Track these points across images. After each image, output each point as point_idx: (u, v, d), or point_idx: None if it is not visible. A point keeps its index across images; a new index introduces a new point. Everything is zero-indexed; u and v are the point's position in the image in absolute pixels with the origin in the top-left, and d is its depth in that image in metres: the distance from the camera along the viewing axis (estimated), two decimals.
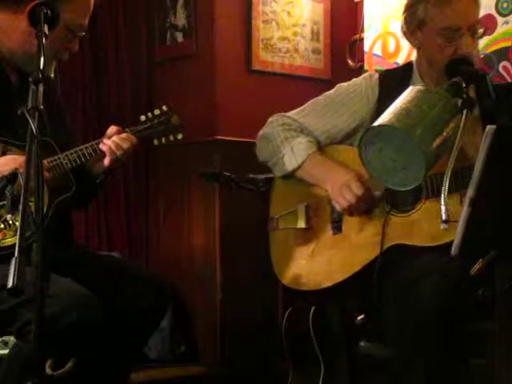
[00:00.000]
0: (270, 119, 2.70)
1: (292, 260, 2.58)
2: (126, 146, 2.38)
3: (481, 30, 2.42)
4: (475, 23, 2.39)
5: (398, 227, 2.38)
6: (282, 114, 2.68)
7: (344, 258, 2.47)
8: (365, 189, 2.42)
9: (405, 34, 2.51)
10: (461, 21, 2.36)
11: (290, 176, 2.62)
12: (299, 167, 2.58)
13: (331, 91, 2.66)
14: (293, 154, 2.58)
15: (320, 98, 2.66)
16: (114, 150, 2.36)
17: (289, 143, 2.59)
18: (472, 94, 2.16)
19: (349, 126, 2.58)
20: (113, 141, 2.37)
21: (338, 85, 2.66)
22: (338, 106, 2.60)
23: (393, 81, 2.51)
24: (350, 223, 2.50)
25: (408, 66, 2.57)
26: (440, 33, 2.37)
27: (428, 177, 2.27)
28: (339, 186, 2.46)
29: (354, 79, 2.65)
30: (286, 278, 2.58)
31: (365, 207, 2.45)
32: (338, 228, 2.52)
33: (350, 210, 2.46)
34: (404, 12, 2.49)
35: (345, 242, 2.50)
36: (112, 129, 2.42)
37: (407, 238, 2.35)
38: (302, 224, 2.58)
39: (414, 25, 2.44)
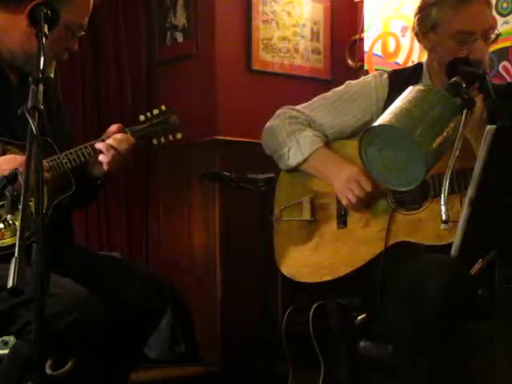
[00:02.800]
0: (278, 111, 2.68)
1: (294, 251, 2.58)
2: (123, 147, 2.37)
3: (493, 36, 2.38)
4: (489, 28, 2.37)
5: (403, 224, 2.38)
6: (291, 106, 2.66)
7: (348, 253, 2.46)
8: (373, 183, 2.41)
9: (416, 35, 2.48)
10: (475, 25, 2.34)
11: (295, 169, 2.61)
12: (304, 161, 2.57)
13: (340, 87, 2.64)
14: (298, 147, 2.56)
15: (329, 93, 2.65)
16: (112, 154, 2.34)
17: (295, 136, 2.58)
18: (478, 96, 2.15)
19: (357, 122, 2.56)
20: (109, 145, 2.35)
21: (347, 82, 2.65)
22: (347, 103, 2.59)
23: (402, 81, 2.47)
24: (355, 218, 2.49)
25: (418, 66, 2.56)
26: (453, 36, 2.35)
27: (436, 175, 2.26)
28: (346, 180, 2.45)
29: (364, 77, 2.64)
30: (286, 268, 2.58)
31: (371, 202, 2.44)
32: (343, 222, 2.52)
33: (357, 205, 2.45)
34: (417, 13, 2.46)
35: (349, 236, 2.49)
36: (112, 127, 2.42)
37: (413, 236, 2.34)
38: (306, 216, 2.57)
39: (426, 27, 2.41)
